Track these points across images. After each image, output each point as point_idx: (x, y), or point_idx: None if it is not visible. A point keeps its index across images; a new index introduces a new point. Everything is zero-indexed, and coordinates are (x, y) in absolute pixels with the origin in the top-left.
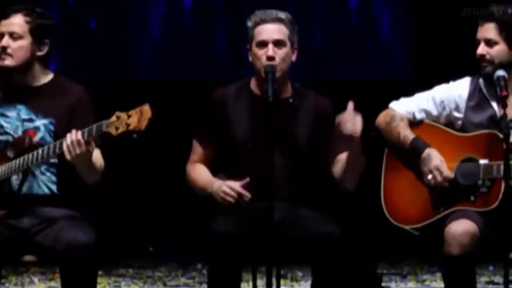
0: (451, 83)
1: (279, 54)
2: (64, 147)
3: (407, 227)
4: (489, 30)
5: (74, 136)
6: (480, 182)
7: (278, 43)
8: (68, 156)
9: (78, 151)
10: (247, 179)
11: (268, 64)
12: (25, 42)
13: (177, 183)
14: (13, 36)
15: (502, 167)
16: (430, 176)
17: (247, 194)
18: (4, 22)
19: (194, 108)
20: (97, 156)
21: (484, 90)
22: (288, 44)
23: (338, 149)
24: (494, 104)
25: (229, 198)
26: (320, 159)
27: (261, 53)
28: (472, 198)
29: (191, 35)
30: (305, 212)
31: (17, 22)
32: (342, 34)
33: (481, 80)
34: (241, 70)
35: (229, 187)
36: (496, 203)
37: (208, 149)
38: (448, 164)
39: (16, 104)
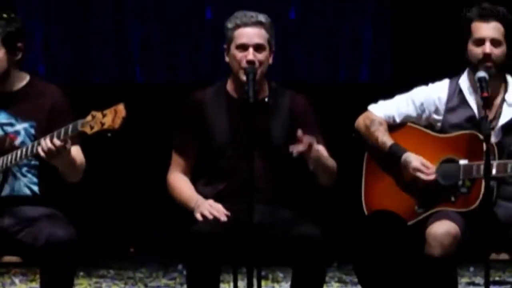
0: (430, 85)
1: (259, 57)
2: (41, 153)
3: None
4: (496, 30)
5: (49, 143)
6: (460, 182)
7: (258, 47)
8: (46, 159)
9: (55, 154)
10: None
11: (248, 66)
12: (0, 54)
13: (157, 184)
14: None
15: (482, 167)
16: (414, 180)
17: (223, 219)
18: None
19: (174, 110)
20: (76, 153)
21: (467, 92)
22: (267, 47)
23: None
24: (473, 106)
25: (206, 213)
26: (298, 158)
27: (241, 56)
28: (452, 198)
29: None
30: (284, 213)
31: None
32: (324, 37)
33: (460, 82)
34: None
35: (214, 206)
36: (476, 204)
37: (188, 157)
38: None
39: None
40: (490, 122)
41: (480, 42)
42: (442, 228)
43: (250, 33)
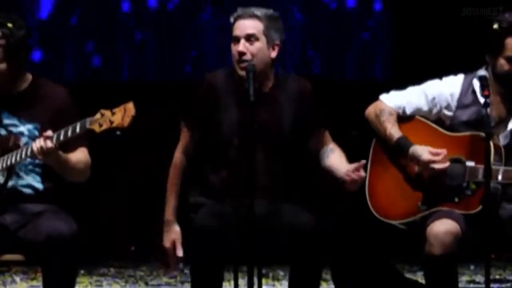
0: (444, 80)
1: (251, 49)
2: (34, 149)
3: (392, 222)
4: None
5: (42, 142)
6: (465, 184)
7: (249, 38)
8: (40, 157)
9: (47, 154)
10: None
11: (248, 62)
12: (6, 65)
13: (158, 182)
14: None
15: (500, 171)
16: (426, 173)
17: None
18: None
19: (176, 108)
20: (80, 154)
21: (478, 91)
22: (263, 39)
23: (324, 140)
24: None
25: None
26: (304, 147)
27: (235, 49)
28: (456, 199)
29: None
30: (285, 207)
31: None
32: (324, 34)
33: (474, 82)
34: None
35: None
36: (479, 208)
37: (193, 133)
38: None
39: None
40: (499, 124)
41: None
42: (443, 227)
43: (242, 25)
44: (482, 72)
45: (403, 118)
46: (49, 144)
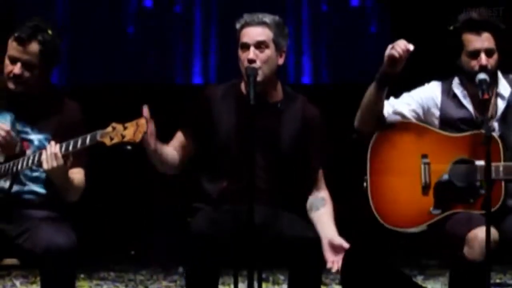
0: (425, 85)
1: (261, 57)
2: (43, 157)
3: (400, 230)
4: (488, 40)
5: (53, 148)
6: (478, 183)
7: (260, 46)
8: (45, 166)
9: (55, 163)
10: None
11: (249, 66)
12: (38, 71)
13: (158, 187)
14: (27, 65)
15: (501, 168)
16: (393, 51)
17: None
18: (18, 47)
19: (176, 112)
20: (77, 176)
21: (460, 96)
22: (272, 46)
23: (317, 181)
24: (470, 108)
25: None
26: (303, 164)
27: (244, 56)
28: (471, 200)
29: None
30: (284, 215)
31: (33, 51)
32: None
33: (453, 87)
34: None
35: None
36: (498, 205)
37: (189, 140)
38: (441, 166)
39: (11, 113)
40: (490, 120)
41: (475, 54)
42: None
43: (252, 33)
44: (482, 75)
45: (402, 124)
46: (58, 154)
